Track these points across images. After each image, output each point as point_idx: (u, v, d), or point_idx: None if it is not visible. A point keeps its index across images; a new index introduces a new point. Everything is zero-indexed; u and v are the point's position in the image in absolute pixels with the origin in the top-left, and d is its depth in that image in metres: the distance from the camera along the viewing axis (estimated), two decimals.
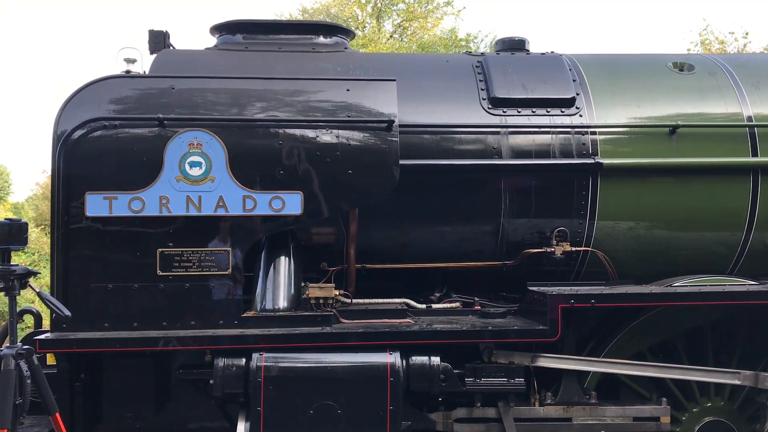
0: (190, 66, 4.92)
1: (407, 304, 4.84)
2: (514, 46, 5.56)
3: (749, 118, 5.06)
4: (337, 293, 4.60)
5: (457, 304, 4.97)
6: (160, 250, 4.32)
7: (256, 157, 4.39)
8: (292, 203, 4.38)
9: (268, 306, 4.49)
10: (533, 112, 4.98)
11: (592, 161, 4.86)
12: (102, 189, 4.26)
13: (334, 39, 5.32)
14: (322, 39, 5.28)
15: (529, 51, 5.56)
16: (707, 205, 4.97)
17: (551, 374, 4.59)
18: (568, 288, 4.67)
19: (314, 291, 4.49)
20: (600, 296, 4.46)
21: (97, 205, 4.25)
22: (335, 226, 4.82)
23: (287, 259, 4.63)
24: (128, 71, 4.68)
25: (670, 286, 4.73)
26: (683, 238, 5.03)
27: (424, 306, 4.89)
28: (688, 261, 5.05)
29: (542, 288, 4.65)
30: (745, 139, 5.02)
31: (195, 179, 4.31)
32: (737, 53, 18.84)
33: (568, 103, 5.01)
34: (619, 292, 4.56)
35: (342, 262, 4.86)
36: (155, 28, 5.23)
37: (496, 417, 4.50)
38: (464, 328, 4.42)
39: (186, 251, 4.33)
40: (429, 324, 4.52)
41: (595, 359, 4.60)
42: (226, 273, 4.35)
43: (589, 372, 4.58)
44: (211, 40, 5.39)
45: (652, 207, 4.95)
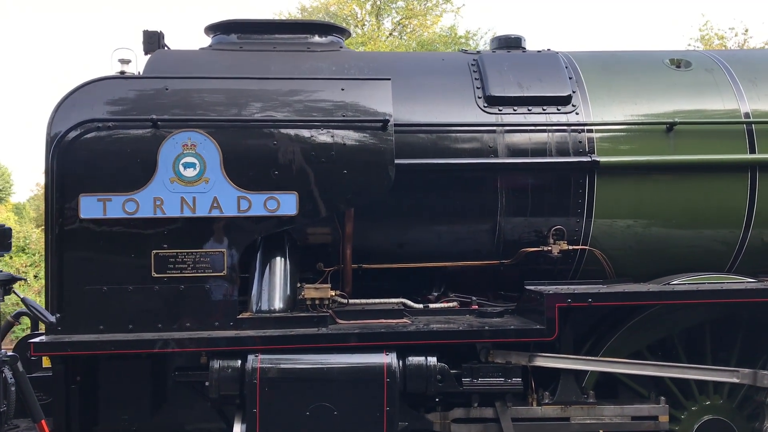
0: (184, 66, 4.91)
1: (404, 304, 4.82)
2: (510, 43, 5.53)
3: (746, 115, 5.03)
4: (334, 294, 4.58)
5: (454, 303, 4.95)
6: (154, 251, 4.30)
7: (250, 158, 4.37)
8: (287, 204, 4.36)
9: (264, 307, 4.47)
10: (529, 110, 4.96)
11: (589, 159, 4.84)
12: (96, 190, 4.25)
13: (329, 38, 5.31)
14: (317, 38, 5.27)
15: (525, 49, 5.53)
16: (705, 202, 4.95)
17: (549, 374, 4.57)
18: (566, 287, 4.65)
19: (310, 292, 4.47)
20: (597, 295, 4.44)
21: (91, 206, 4.24)
22: (331, 226, 4.81)
23: (283, 259, 4.61)
24: (122, 72, 4.67)
25: (668, 284, 4.71)
26: (681, 236, 5.01)
27: (421, 306, 4.87)
28: (686, 259, 5.02)
29: (539, 287, 4.63)
30: (742, 135, 5.00)
31: (189, 180, 4.29)
32: (735, 49, 18.80)
33: (565, 100, 4.98)
34: (617, 291, 4.55)
35: (338, 262, 4.85)
36: (150, 29, 5.22)
37: (494, 417, 4.48)
38: (461, 328, 4.40)
39: (181, 253, 4.31)
40: (426, 324, 4.50)
41: (593, 358, 4.58)
42: (222, 274, 4.33)
43: (587, 371, 4.57)
44: (206, 41, 5.37)
45: (650, 205, 4.92)
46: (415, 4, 24.68)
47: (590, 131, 4.93)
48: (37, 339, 4.25)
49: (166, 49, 5.25)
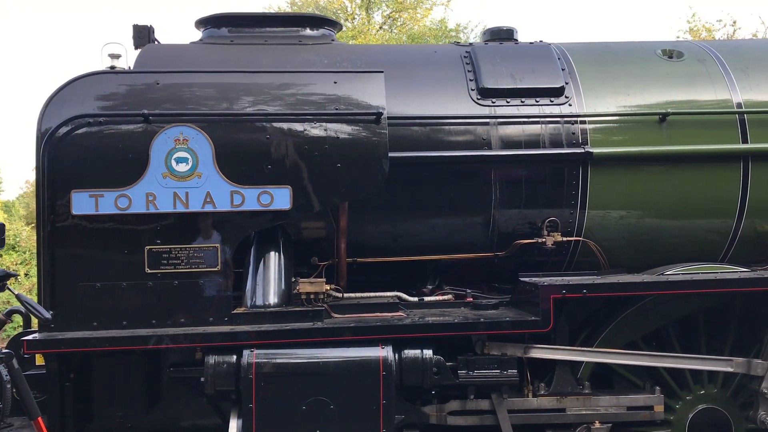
0: (175, 61, 4.88)
1: (399, 298, 4.82)
2: (502, 35, 5.52)
3: (739, 105, 5.05)
4: (328, 288, 4.56)
5: (449, 296, 4.95)
6: (148, 247, 4.27)
7: (243, 152, 4.34)
8: (280, 198, 4.34)
9: (259, 302, 4.45)
10: (522, 102, 4.95)
11: (582, 150, 4.84)
12: (88, 186, 4.22)
13: (321, 31, 5.28)
14: (308, 31, 5.24)
15: (517, 40, 5.52)
16: (698, 192, 4.96)
17: (544, 365, 4.58)
18: (560, 278, 4.65)
19: (305, 286, 4.45)
20: (592, 286, 4.44)
21: (83, 203, 4.21)
22: (325, 220, 4.79)
23: (277, 254, 4.59)
24: (113, 67, 4.62)
25: (662, 274, 4.72)
26: (674, 227, 5.02)
27: (416, 299, 4.87)
28: (680, 249, 5.03)
29: (534, 279, 4.63)
30: (735, 125, 5.01)
31: (182, 175, 4.27)
32: (726, 39, 18.84)
33: (558, 92, 4.98)
34: (611, 282, 4.55)
35: (333, 256, 4.83)
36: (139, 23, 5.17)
37: (490, 409, 4.49)
38: (456, 321, 4.40)
39: (174, 248, 4.29)
40: (421, 317, 4.50)
41: (588, 349, 4.59)
42: (216, 269, 4.31)
43: (582, 362, 4.58)
44: (197, 35, 5.33)
45: (643, 195, 4.93)
46: None
47: (583, 122, 4.93)
48: (30, 336, 4.22)
49: (156, 43, 5.21)
